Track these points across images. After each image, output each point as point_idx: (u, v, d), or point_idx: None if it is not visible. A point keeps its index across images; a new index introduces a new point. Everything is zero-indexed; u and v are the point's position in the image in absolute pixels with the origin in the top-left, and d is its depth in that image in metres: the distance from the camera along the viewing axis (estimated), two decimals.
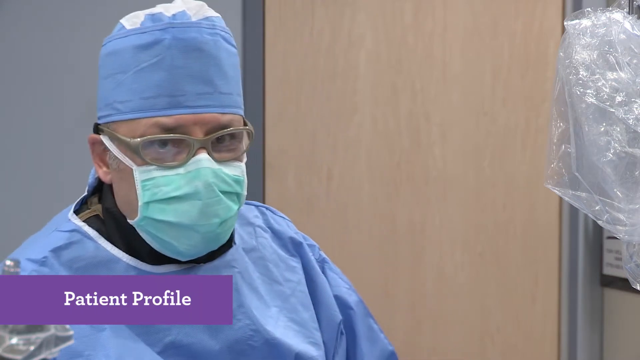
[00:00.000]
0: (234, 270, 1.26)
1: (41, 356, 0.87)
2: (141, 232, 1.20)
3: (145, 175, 1.16)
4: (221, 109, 1.17)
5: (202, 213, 1.16)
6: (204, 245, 1.19)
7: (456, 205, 2.73)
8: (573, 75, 1.33)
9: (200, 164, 1.15)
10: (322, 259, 1.39)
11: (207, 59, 1.17)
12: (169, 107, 1.15)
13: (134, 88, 1.17)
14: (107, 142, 1.20)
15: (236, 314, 1.24)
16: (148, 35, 1.17)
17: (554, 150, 1.35)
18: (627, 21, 1.35)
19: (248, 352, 1.24)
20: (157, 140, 1.16)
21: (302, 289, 1.33)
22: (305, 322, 1.31)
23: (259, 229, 1.35)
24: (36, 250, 1.21)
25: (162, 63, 1.15)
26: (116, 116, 1.18)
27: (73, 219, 1.26)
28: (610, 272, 2.69)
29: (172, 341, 1.20)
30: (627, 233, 1.30)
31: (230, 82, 1.19)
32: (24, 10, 2.37)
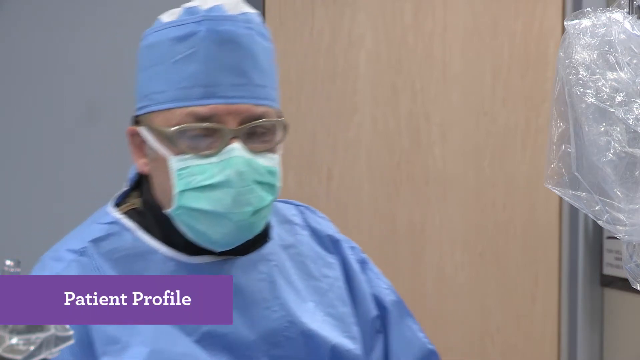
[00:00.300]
0: (271, 264, 1.28)
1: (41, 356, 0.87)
2: (177, 221, 1.22)
3: (180, 164, 1.19)
4: (255, 100, 1.20)
5: (235, 201, 1.18)
6: (238, 234, 1.21)
7: (456, 205, 2.73)
8: (573, 75, 1.33)
9: (232, 152, 1.17)
10: (363, 260, 1.41)
11: (242, 51, 1.19)
12: (204, 97, 1.18)
13: (169, 79, 1.20)
14: (144, 133, 1.22)
15: (272, 306, 1.26)
16: (184, 27, 1.20)
17: (554, 150, 1.36)
18: (627, 21, 1.35)
19: (283, 343, 1.25)
20: (191, 130, 1.18)
21: (339, 285, 1.35)
22: (343, 317, 1.32)
23: (297, 226, 1.37)
24: (76, 241, 1.25)
25: (197, 54, 1.18)
26: (153, 107, 1.22)
27: (112, 212, 1.29)
28: (610, 272, 2.69)
29: (208, 330, 1.21)
30: (627, 233, 1.30)
31: (265, 75, 1.22)
32: (24, 10, 2.37)
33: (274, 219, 1.34)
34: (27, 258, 1.53)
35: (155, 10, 2.58)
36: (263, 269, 1.27)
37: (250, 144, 1.19)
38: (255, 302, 1.25)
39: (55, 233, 2.35)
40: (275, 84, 1.25)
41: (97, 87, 2.40)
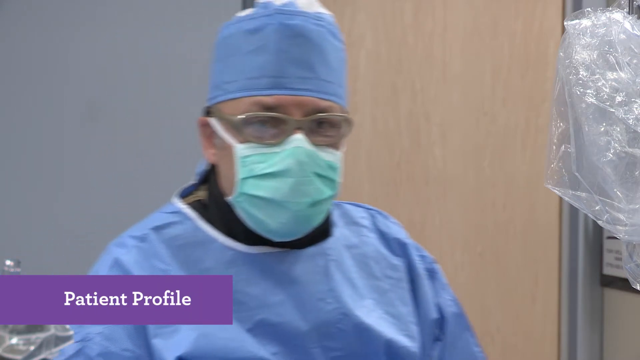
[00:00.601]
0: (328, 258, 1.30)
1: (41, 356, 0.87)
2: (238, 209, 1.25)
3: (244, 152, 1.22)
4: (320, 94, 1.23)
5: (293, 190, 1.20)
6: (295, 225, 1.23)
7: (456, 205, 2.73)
8: (573, 75, 1.33)
9: (294, 143, 1.20)
10: (432, 269, 1.43)
11: (311, 46, 1.23)
12: (271, 88, 1.21)
13: (239, 69, 1.24)
14: (214, 123, 1.27)
15: (326, 297, 1.27)
16: (257, 20, 1.24)
17: (554, 150, 1.36)
18: (627, 21, 1.35)
19: (336, 335, 1.27)
20: (256, 118, 1.21)
21: (402, 286, 1.36)
22: (402, 316, 1.33)
23: (365, 229, 1.39)
24: (139, 229, 1.29)
25: (267, 46, 1.22)
26: (222, 96, 1.26)
27: (176, 202, 1.33)
28: (610, 272, 2.69)
29: (261, 319, 1.23)
30: (627, 233, 1.30)
31: (332, 72, 1.25)
32: (24, 10, 2.37)
33: (342, 220, 1.38)
34: (27, 258, 1.53)
35: (155, 10, 2.59)
36: (320, 262, 1.29)
37: (313, 137, 1.22)
38: (309, 294, 1.26)
39: (55, 233, 2.36)
40: (344, 83, 1.29)
41: (97, 87, 2.40)
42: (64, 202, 2.38)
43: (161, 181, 2.43)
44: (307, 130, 1.21)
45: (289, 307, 1.24)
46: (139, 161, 2.42)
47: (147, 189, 2.41)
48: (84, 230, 2.38)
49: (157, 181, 2.42)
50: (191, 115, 2.48)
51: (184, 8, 2.46)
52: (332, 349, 1.26)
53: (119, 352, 1.16)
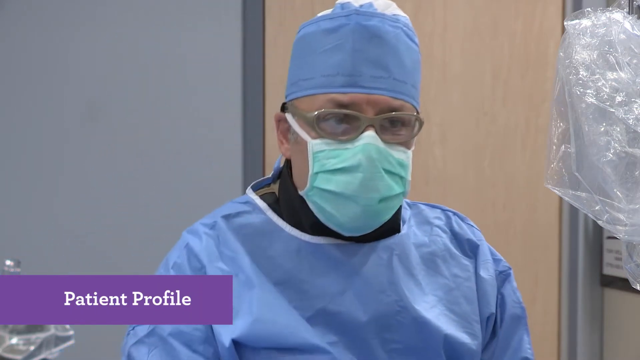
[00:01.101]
0: (393, 252, 1.33)
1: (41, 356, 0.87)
2: (309, 202, 1.29)
3: (317, 147, 1.26)
4: (393, 93, 1.26)
5: (363, 186, 1.24)
6: (364, 220, 1.26)
7: (456, 205, 2.71)
8: (573, 75, 1.33)
9: (365, 139, 1.23)
10: (506, 274, 1.47)
11: (386, 47, 1.26)
12: (345, 86, 1.25)
13: (316, 67, 1.27)
14: (289, 118, 1.30)
15: (386, 290, 1.30)
16: (335, 20, 1.28)
17: (554, 150, 1.35)
18: (627, 21, 1.35)
19: (395, 327, 1.29)
20: (330, 115, 1.25)
21: (469, 285, 1.39)
22: (466, 314, 1.36)
23: (437, 228, 1.43)
24: (210, 216, 1.34)
25: (344, 45, 1.25)
26: (299, 93, 1.29)
27: (249, 193, 1.38)
28: (610, 272, 2.69)
29: (322, 307, 1.27)
30: (627, 233, 1.30)
31: (406, 72, 1.28)
32: (24, 10, 2.37)
33: (414, 219, 1.42)
34: (27, 258, 1.53)
35: (155, 10, 2.59)
36: (383, 255, 1.31)
37: (385, 135, 1.25)
38: (370, 285, 1.29)
39: (55, 233, 2.36)
40: (417, 84, 1.31)
41: (97, 87, 2.40)
42: (64, 202, 2.38)
43: (161, 181, 2.43)
44: (378, 127, 1.24)
45: (350, 297, 1.27)
46: (139, 161, 2.42)
47: (147, 189, 2.42)
48: (83, 230, 2.38)
49: (157, 181, 2.43)
50: (191, 115, 2.49)
51: (183, 8, 2.46)
52: (390, 341, 1.29)
53: (190, 331, 1.21)
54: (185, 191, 2.44)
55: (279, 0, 2.61)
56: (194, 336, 1.21)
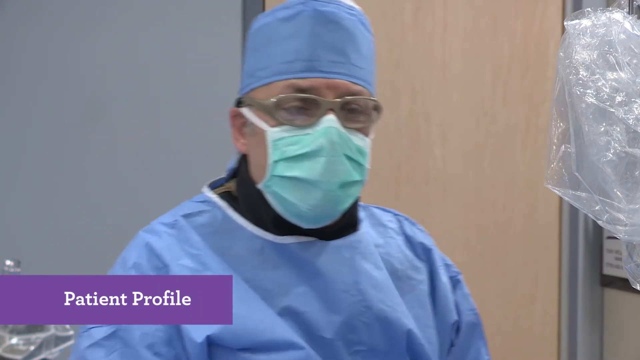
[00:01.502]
0: (355, 251, 1.31)
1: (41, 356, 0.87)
2: (268, 194, 1.27)
3: (276, 135, 1.24)
4: (352, 78, 1.26)
5: (325, 169, 1.22)
6: (325, 207, 1.24)
7: (456, 205, 2.73)
8: (573, 75, 1.33)
9: (327, 123, 1.23)
10: (456, 280, 1.46)
11: (343, 32, 1.26)
12: (304, 71, 1.24)
13: (274, 55, 1.26)
14: (245, 111, 1.30)
15: (350, 289, 1.28)
16: (291, 9, 1.28)
17: (554, 150, 1.35)
18: (627, 21, 1.35)
19: (359, 328, 1.27)
20: (290, 100, 1.24)
21: (422, 288, 1.38)
22: (419, 318, 1.34)
23: (391, 231, 1.42)
24: (169, 216, 1.33)
25: (301, 31, 1.26)
26: (256, 83, 1.29)
27: (206, 192, 1.37)
28: (610, 272, 2.69)
29: (286, 306, 1.24)
30: (627, 233, 1.30)
31: (363, 59, 1.29)
32: (24, 10, 2.37)
33: (368, 221, 1.39)
34: (27, 258, 1.53)
35: (155, 10, 2.59)
36: (346, 254, 1.30)
37: (345, 121, 1.24)
38: (334, 285, 1.27)
39: (55, 233, 2.36)
40: (373, 72, 1.32)
41: (97, 87, 2.40)
42: (64, 202, 2.38)
43: (161, 181, 2.43)
44: (339, 112, 1.24)
45: (312, 298, 1.26)
46: (139, 161, 2.42)
47: (147, 189, 2.41)
48: (84, 231, 2.38)
49: (157, 181, 2.42)
50: (191, 115, 2.49)
51: (183, 8, 2.46)
52: (355, 343, 1.27)
53: (153, 332, 1.18)
54: (185, 191, 2.43)
55: (279, 1, 2.61)
56: (157, 337, 1.18)
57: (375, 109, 1.30)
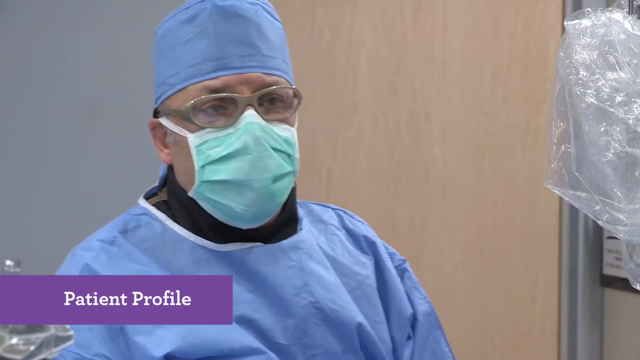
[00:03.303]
0: (300, 252, 1.28)
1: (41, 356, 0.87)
2: (200, 201, 1.24)
3: (198, 140, 1.21)
4: (266, 69, 1.23)
5: (253, 166, 1.19)
6: (261, 204, 1.21)
7: (456, 205, 2.73)
8: (573, 75, 1.33)
9: (247, 119, 1.19)
10: (403, 268, 1.41)
11: (248, 24, 1.23)
12: (215, 70, 1.21)
13: (182, 59, 1.23)
14: (164, 121, 1.25)
15: (301, 292, 1.25)
16: (191, 9, 1.25)
17: (554, 150, 1.35)
18: (627, 21, 1.35)
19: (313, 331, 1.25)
20: (205, 102, 1.20)
21: (369, 283, 1.35)
22: (368, 315, 1.32)
23: (332, 226, 1.38)
24: (107, 232, 1.28)
25: (205, 31, 1.22)
26: (169, 91, 1.24)
27: (142, 204, 1.32)
28: (610, 272, 2.69)
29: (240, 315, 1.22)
30: (627, 233, 1.30)
31: (275, 48, 1.25)
32: (24, 10, 2.37)
33: (307, 218, 1.36)
34: (27, 258, 1.53)
35: (155, 10, 2.58)
36: (293, 257, 1.27)
37: (265, 114, 1.21)
38: (283, 290, 1.25)
39: (55, 233, 2.36)
40: (287, 59, 1.28)
41: (97, 87, 2.40)
42: (64, 202, 2.38)
43: None
44: (257, 106, 1.21)
45: (262, 304, 1.23)
46: (139, 161, 2.42)
47: (147, 189, 2.41)
48: (84, 231, 2.37)
49: (157, 181, 2.42)
50: None
51: None
52: (310, 347, 1.25)
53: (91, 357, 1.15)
54: None
55: (279, 0, 2.61)
56: None
57: (295, 97, 1.26)
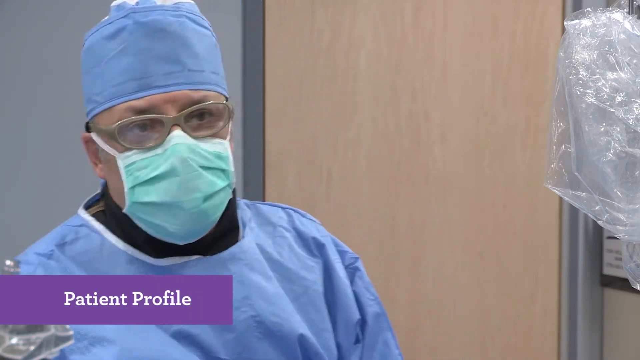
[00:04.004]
0: (240, 263, 1.25)
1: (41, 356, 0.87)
2: (134, 219, 1.21)
3: (126, 161, 1.18)
4: (192, 85, 1.19)
5: (182, 188, 1.16)
6: (193, 223, 1.18)
7: (456, 205, 2.73)
8: (573, 75, 1.33)
9: (174, 140, 1.16)
10: (354, 267, 1.37)
11: (172, 39, 1.18)
12: (139, 90, 1.17)
13: (106, 77, 1.20)
14: (95, 137, 1.23)
15: (240, 306, 1.23)
16: (113, 25, 1.22)
17: (554, 150, 1.35)
18: (627, 21, 1.35)
19: (253, 344, 1.23)
20: (130, 123, 1.17)
21: (316, 289, 1.31)
22: (313, 322, 1.29)
23: (281, 228, 1.34)
24: (45, 244, 1.25)
25: (128, 48, 1.18)
26: (97, 109, 1.22)
27: (82, 214, 1.30)
28: (610, 272, 2.69)
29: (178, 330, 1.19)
30: (627, 233, 1.30)
31: (202, 61, 1.20)
32: (24, 10, 2.37)
33: (255, 220, 1.33)
34: None
35: None
36: (233, 269, 1.24)
37: (194, 131, 1.18)
38: None
39: None
40: (216, 69, 1.24)
41: None
42: (63, 202, 2.38)
43: None
44: (185, 125, 1.17)
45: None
46: None
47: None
48: None
49: None
50: None
51: None
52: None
53: None
54: None
55: (279, 0, 2.61)
56: None
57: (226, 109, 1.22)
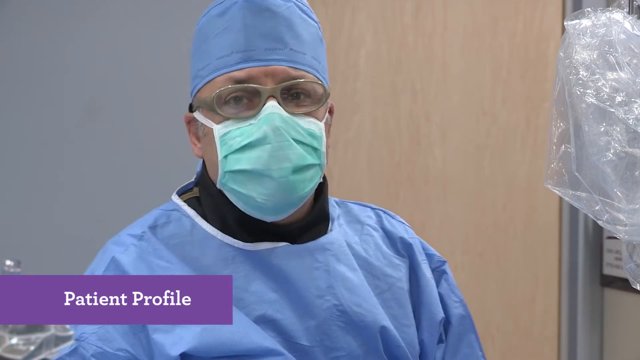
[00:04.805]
0: (328, 254, 1.28)
1: (41, 356, 0.87)
2: (226, 192, 1.24)
3: (222, 130, 1.22)
4: (292, 63, 1.23)
5: (272, 156, 1.20)
6: (282, 195, 1.21)
7: (456, 205, 2.73)
8: (573, 75, 1.33)
9: (268, 110, 1.20)
10: (441, 270, 1.43)
11: (278, 19, 1.23)
12: (241, 62, 1.22)
13: (211, 52, 1.25)
14: (196, 114, 1.28)
15: (324, 295, 1.25)
16: (224, 3, 1.27)
17: (554, 150, 1.35)
18: (627, 21, 1.35)
19: (336, 333, 1.25)
20: (228, 92, 1.22)
21: (400, 286, 1.35)
22: (396, 318, 1.31)
23: (368, 227, 1.38)
24: (138, 227, 1.29)
25: (235, 24, 1.24)
26: (200, 83, 1.27)
27: (175, 199, 1.33)
28: (610, 272, 2.69)
29: (262, 315, 1.22)
30: (627, 233, 1.30)
31: (304, 44, 1.25)
32: (24, 10, 2.37)
33: (344, 218, 1.37)
34: (27, 258, 1.53)
35: (155, 10, 2.59)
36: (320, 258, 1.27)
37: (290, 107, 1.22)
38: (307, 291, 1.25)
39: (55, 233, 2.36)
40: (318, 57, 1.27)
41: (97, 87, 2.40)
42: (63, 202, 2.38)
43: (161, 181, 2.43)
44: (280, 98, 1.21)
45: (285, 304, 1.23)
46: (139, 161, 2.42)
47: (147, 189, 2.41)
48: (83, 231, 2.38)
49: (157, 181, 2.42)
50: None
51: (184, 8, 2.46)
52: (332, 349, 1.24)
53: (113, 352, 1.15)
54: None
55: None
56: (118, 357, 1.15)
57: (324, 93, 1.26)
